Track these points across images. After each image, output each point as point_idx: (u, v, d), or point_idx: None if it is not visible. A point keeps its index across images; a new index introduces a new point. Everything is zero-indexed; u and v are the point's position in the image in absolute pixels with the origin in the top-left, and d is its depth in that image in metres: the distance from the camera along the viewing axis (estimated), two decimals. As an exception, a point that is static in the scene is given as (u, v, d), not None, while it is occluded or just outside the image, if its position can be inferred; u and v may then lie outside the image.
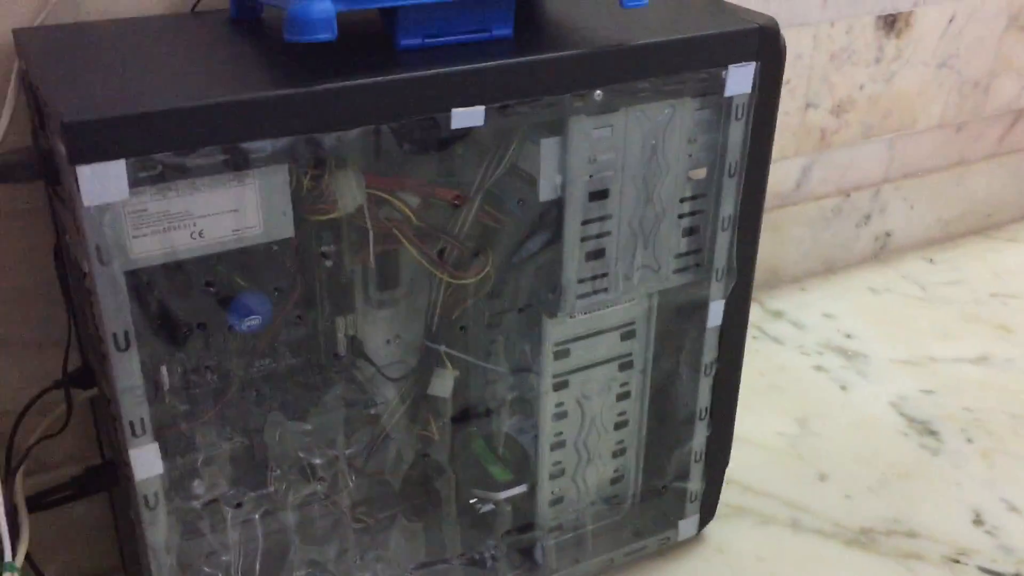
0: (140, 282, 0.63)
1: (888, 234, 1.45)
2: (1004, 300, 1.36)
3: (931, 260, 1.46)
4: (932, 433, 1.10)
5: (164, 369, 0.68)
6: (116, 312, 0.59)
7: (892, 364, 1.22)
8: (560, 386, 0.84)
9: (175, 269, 0.65)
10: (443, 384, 0.82)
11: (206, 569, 0.74)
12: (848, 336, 1.28)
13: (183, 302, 0.67)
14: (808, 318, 1.31)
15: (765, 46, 0.75)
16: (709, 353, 0.86)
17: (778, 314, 1.32)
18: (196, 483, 0.70)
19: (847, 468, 1.05)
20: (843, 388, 1.18)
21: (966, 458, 1.06)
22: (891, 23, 1.28)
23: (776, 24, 0.75)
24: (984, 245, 1.50)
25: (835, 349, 1.25)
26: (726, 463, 0.93)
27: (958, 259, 1.46)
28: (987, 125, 1.46)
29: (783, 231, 1.34)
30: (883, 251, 1.46)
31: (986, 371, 1.21)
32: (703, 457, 0.91)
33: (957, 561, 0.93)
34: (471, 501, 0.87)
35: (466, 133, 0.69)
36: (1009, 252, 1.48)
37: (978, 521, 0.98)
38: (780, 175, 1.30)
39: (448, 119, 0.65)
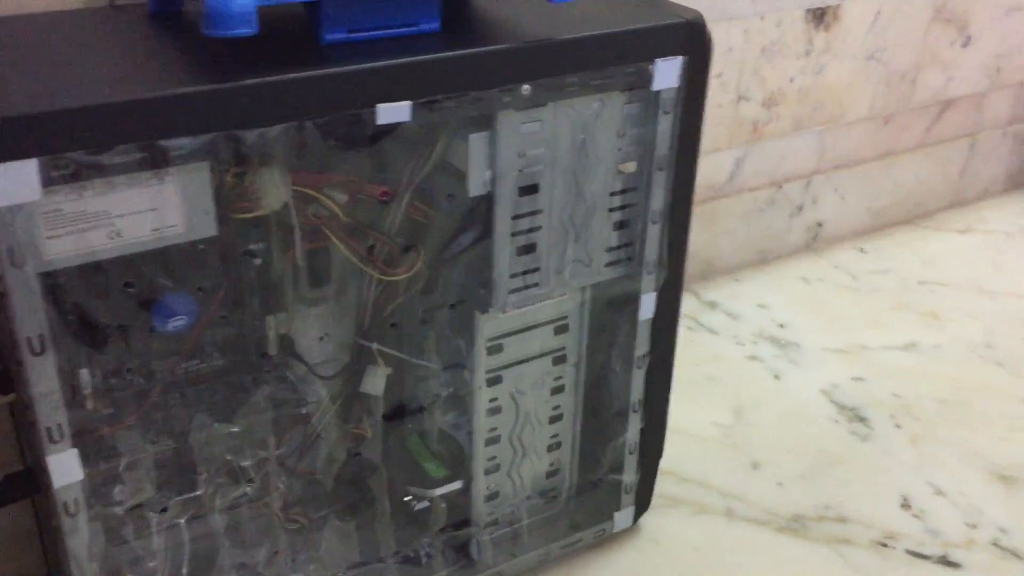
0: (56, 284, 0.61)
1: (820, 224, 1.47)
2: (932, 288, 1.39)
3: (862, 249, 1.48)
4: (862, 420, 1.12)
5: (84, 373, 0.66)
6: (30, 316, 0.57)
7: (824, 352, 1.24)
8: (493, 381, 0.83)
9: (93, 270, 0.63)
10: (375, 382, 0.81)
11: None
12: (781, 326, 1.30)
13: (102, 304, 0.65)
14: (742, 308, 1.33)
15: (692, 40, 0.75)
16: (641, 346, 0.86)
17: (713, 305, 1.33)
18: (118, 489, 0.68)
19: (779, 456, 1.06)
20: (776, 377, 1.20)
21: (895, 444, 1.08)
22: (820, 16, 1.30)
23: (702, 18, 0.76)
24: (913, 234, 1.53)
25: (769, 339, 1.27)
26: (660, 454, 0.94)
27: (888, 248, 1.49)
28: (914, 116, 1.49)
29: (717, 223, 1.35)
30: (815, 241, 1.48)
31: (915, 358, 1.24)
32: (637, 449, 0.91)
33: (885, 545, 0.95)
34: (406, 499, 0.86)
35: (393, 128, 0.68)
36: (937, 240, 1.52)
37: (906, 505, 1.00)
38: (713, 167, 1.32)
39: (373, 115, 0.64)
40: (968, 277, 1.42)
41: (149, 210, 0.61)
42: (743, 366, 1.22)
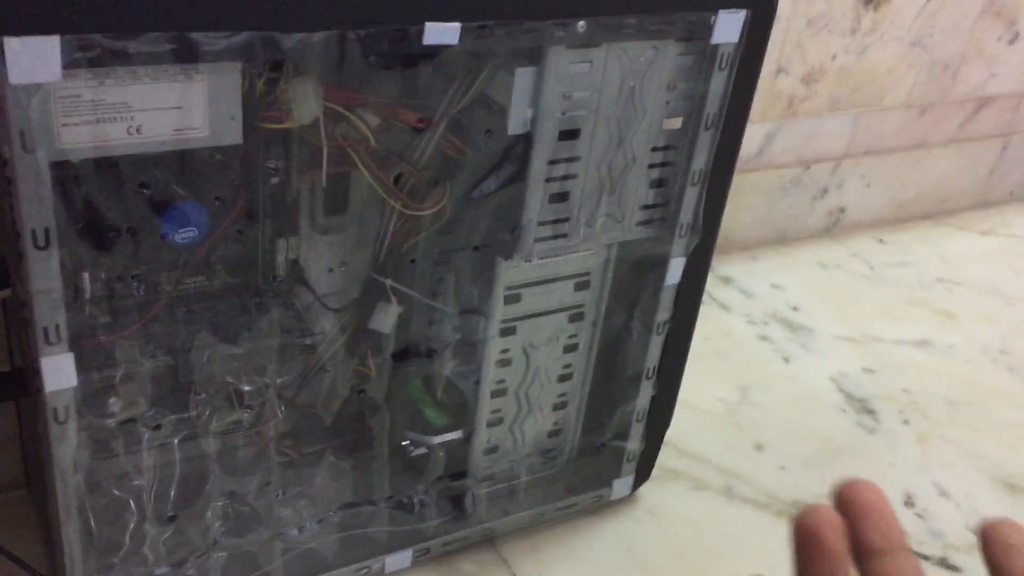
0: (67, 176, 0.57)
1: (842, 210, 1.44)
2: (950, 286, 1.36)
3: (881, 240, 1.45)
4: (870, 412, 1.10)
5: (86, 275, 0.63)
6: (37, 206, 0.53)
7: (835, 340, 1.22)
8: (507, 332, 0.80)
9: (107, 166, 0.59)
10: (386, 319, 0.77)
11: (116, 492, 0.69)
12: (795, 309, 1.27)
13: (113, 203, 0.61)
14: (756, 287, 1.30)
15: (758, -6, 0.71)
16: (663, 311, 0.83)
17: (727, 280, 1.30)
18: (112, 400, 0.65)
19: (784, 440, 1.04)
20: (786, 360, 1.17)
21: (901, 440, 1.06)
22: (871, -6, 1.25)
23: (772, -28, 0.72)
24: (935, 230, 1.50)
25: (781, 320, 1.24)
26: (667, 425, 0.91)
27: (908, 242, 1.45)
28: (951, 109, 1.45)
29: (740, 197, 1.31)
30: (836, 227, 1.45)
31: (927, 355, 1.21)
32: (645, 417, 0.88)
33: (885, 541, 0.93)
34: (403, 443, 0.83)
35: (437, 52, 0.64)
36: (958, 239, 1.49)
37: (909, 503, 0.98)
38: (744, 139, 1.27)
39: (421, 32, 0.60)
40: (987, 279, 1.39)
41: (173, 108, 0.57)
42: (753, 345, 1.19)
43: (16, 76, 0.50)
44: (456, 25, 0.61)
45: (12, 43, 0.49)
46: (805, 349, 1.19)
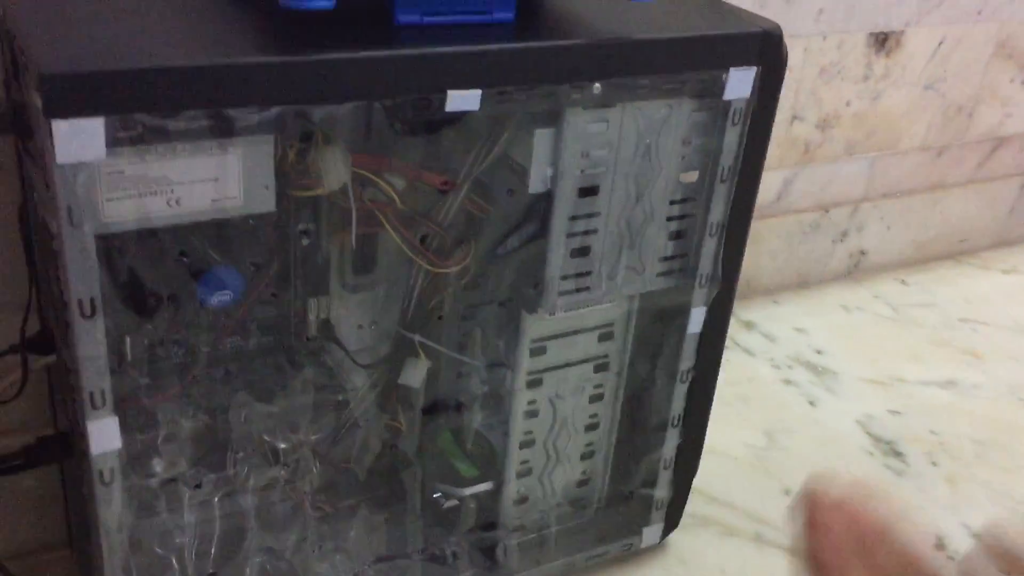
0: (110, 247, 0.60)
1: (863, 252, 1.45)
2: (974, 326, 1.36)
3: (903, 281, 1.46)
4: (898, 454, 1.10)
5: (129, 340, 0.65)
6: (84, 277, 0.56)
7: (861, 383, 1.22)
8: (534, 384, 0.82)
9: (148, 236, 0.62)
10: (415, 374, 0.79)
11: (158, 550, 0.71)
12: (818, 352, 1.27)
13: (154, 271, 0.64)
14: (779, 331, 1.31)
15: (767, 51, 0.74)
16: (686, 360, 0.85)
17: (749, 325, 1.31)
18: (155, 460, 0.67)
19: (812, 484, 1.04)
20: (811, 403, 1.18)
21: (930, 481, 1.06)
22: (882, 41, 1.28)
23: (780, 30, 0.74)
24: (956, 270, 1.51)
25: (805, 364, 1.25)
26: (694, 472, 0.92)
27: (930, 282, 1.46)
28: (968, 150, 1.46)
29: (760, 242, 1.33)
30: (857, 269, 1.46)
31: (953, 396, 1.21)
32: (672, 465, 0.89)
33: (917, 584, 0.93)
34: (435, 496, 0.85)
35: (459, 117, 0.67)
36: (981, 279, 1.49)
37: (940, 546, 0.98)
38: (762, 186, 1.28)
39: (443, 100, 0.63)
40: (1011, 318, 1.39)
41: (210, 180, 0.60)
42: (778, 389, 1.20)
43: (63, 156, 0.53)
44: (477, 92, 0.64)
45: (60, 125, 0.52)
46: (830, 392, 1.20)
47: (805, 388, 1.20)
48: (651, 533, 0.92)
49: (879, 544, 0.45)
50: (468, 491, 0.84)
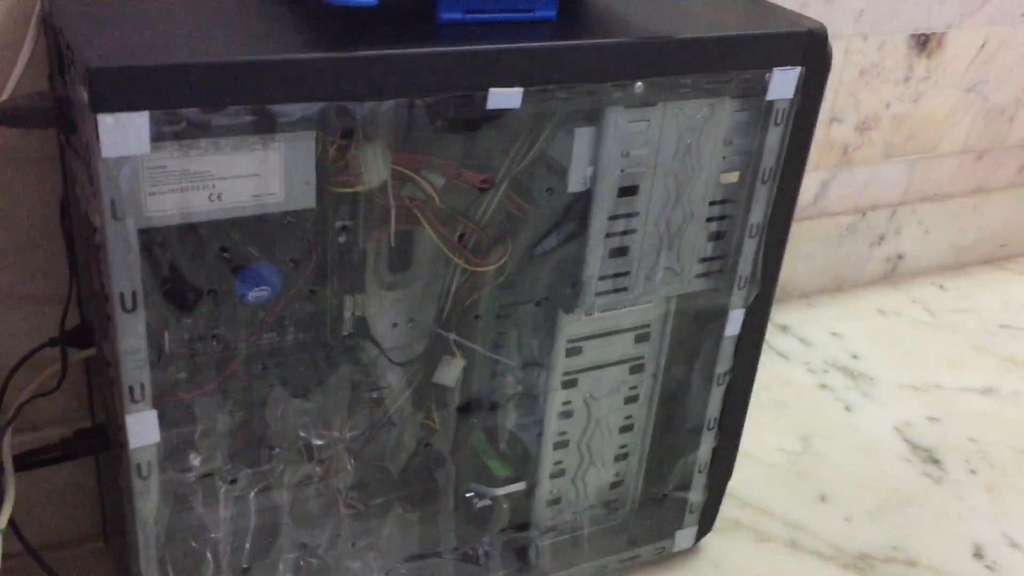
0: (152, 242, 0.60)
1: (900, 256, 1.43)
2: (1014, 333, 1.34)
3: (942, 286, 1.44)
4: (935, 462, 1.08)
5: (168, 335, 0.65)
6: (125, 271, 0.56)
7: (898, 388, 1.21)
8: (569, 384, 0.81)
9: (188, 231, 0.62)
10: (450, 373, 0.79)
11: (193, 544, 0.71)
12: (855, 356, 1.26)
13: (195, 266, 0.64)
14: (815, 335, 1.29)
15: (812, 51, 0.73)
16: (723, 363, 0.84)
17: (784, 328, 1.30)
18: (192, 455, 0.67)
19: (848, 491, 1.03)
20: (847, 409, 1.16)
21: (969, 490, 1.05)
22: (923, 43, 1.26)
23: (825, 30, 0.73)
24: (996, 276, 1.48)
25: (841, 369, 1.23)
26: (729, 476, 0.91)
27: (969, 287, 1.44)
28: (1009, 154, 1.44)
29: (796, 245, 1.32)
30: (894, 273, 1.44)
31: (993, 403, 1.19)
32: (707, 468, 0.89)
33: (955, 594, 0.92)
34: (467, 495, 0.84)
35: (499, 115, 0.66)
36: (1020, 284, 1.47)
37: (978, 555, 0.96)
38: (799, 188, 1.28)
39: (484, 98, 0.62)
40: (1051, 325, 1.37)
41: (252, 175, 0.60)
42: (814, 394, 1.18)
43: (108, 150, 0.53)
44: (519, 90, 0.63)
45: (106, 119, 0.53)
46: (867, 398, 1.18)
47: (841, 393, 1.19)
48: (684, 537, 0.91)
49: None
50: (501, 491, 0.84)
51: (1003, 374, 1.25)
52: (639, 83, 0.68)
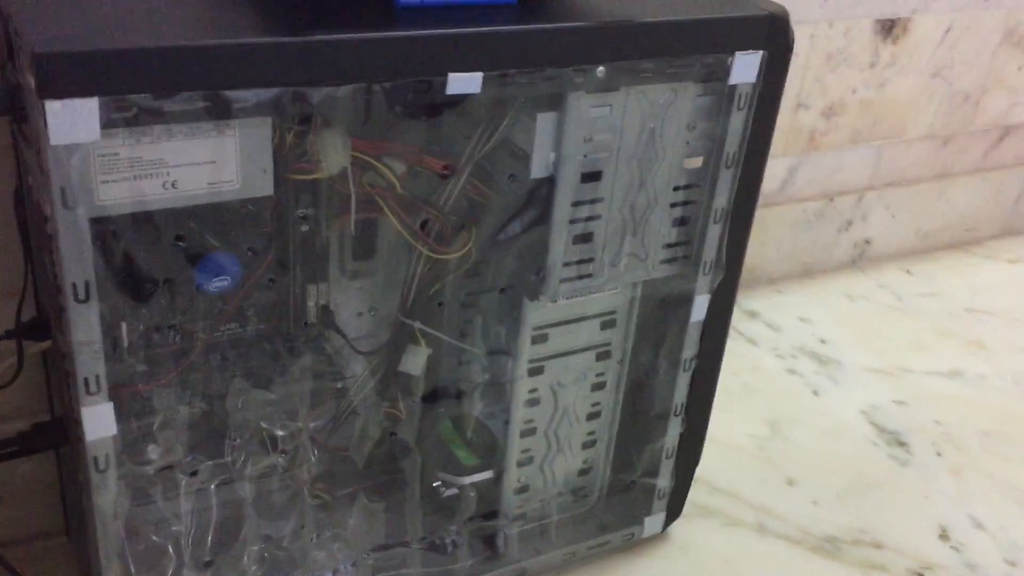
0: (105, 231, 0.59)
1: (867, 242, 1.44)
2: (979, 316, 1.35)
3: (908, 271, 1.45)
4: (902, 444, 1.09)
5: (124, 326, 0.64)
6: (77, 260, 0.55)
7: (865, 372, 1.21)
8: (535, 371, 0.81)
9: (143, 220, 0.61)
10: (415, 361, 0.79)
11: (154, 538, 0.70)
12: (822, 341, 1.26)
13: (150, 256, 0.63)
14: (783, 320, 1.30)
15: (774, 35, 0.73)
16: (689, 348, 0.84)
17: (753, 314, 1.30)
18: (151, 447, 0.66)
19: (815, 474, 1.03)
20: (815, 393, 1.17)
21: (935, 472, 1.05)
22: (889, 28, 1.26)
23: (786, 13, 0.73)
24: (962, 260, 1.49)
25: (809, 354, 1.24)
26: (697, 462, 0.91)
27: (935, 272, 1.45)
28: (974, 139, 1.45)
29: (764, 231, 1.32)
30: (861, 258, 1.45)
31: (959, 386, 1.20)
32: (674, 454, 0.89)
33: (921, 575, 0.92)
34: (434, 484, 0.84)
35: (459, 101, 0.66)
36: (986, 268, 1.48)
37: (944, 536, 0.97)
38: (766, 174, 1.27)
39: (444, 83, 0.62)
40: (1017, 308, 1.38)
41: (207, 163, 0.59)
42: (782, 379, 1.19)
43: (57, 137, 0.52)
44: (478, 75, 0.63)
45: (53, 106, 0.51)
46: (834, 382, 1.19)
47: (809, 378, 1.19)
48: (653, 523, 0.91)
49: None
50: (468, 479, 0.84)
51: (969, 357, 1.26)
52: (601, 68, 0.67)
